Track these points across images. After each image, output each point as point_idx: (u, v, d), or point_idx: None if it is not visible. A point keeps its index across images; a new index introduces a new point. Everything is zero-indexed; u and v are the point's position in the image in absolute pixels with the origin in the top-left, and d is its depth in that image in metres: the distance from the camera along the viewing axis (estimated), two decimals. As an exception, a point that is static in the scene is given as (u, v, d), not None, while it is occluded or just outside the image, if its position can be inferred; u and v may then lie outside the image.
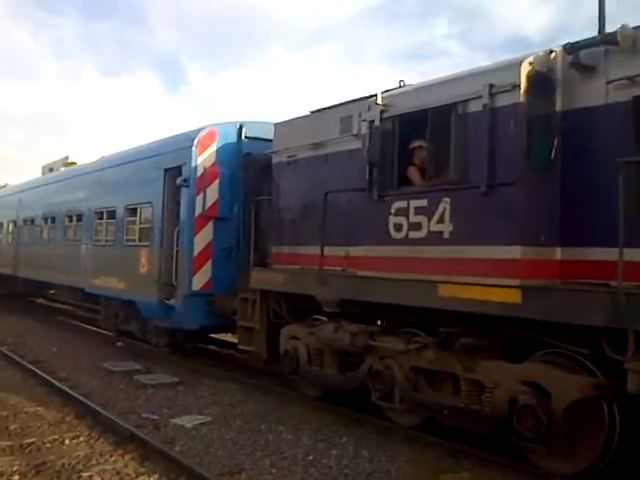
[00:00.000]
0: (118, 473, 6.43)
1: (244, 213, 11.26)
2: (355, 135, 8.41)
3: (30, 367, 11.34)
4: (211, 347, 14.26)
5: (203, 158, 11.58)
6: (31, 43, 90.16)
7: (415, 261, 7.27)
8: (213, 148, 11.72)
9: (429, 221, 7.10)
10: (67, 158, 49.39)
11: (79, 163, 32.63)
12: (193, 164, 11.54)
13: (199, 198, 11.41)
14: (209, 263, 11.58)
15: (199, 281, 11.50)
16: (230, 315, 10.98)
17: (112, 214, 14.75)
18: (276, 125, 10.18)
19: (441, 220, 6.96)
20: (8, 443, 7.29)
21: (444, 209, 6.93)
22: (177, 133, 13.32)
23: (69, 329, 17.36)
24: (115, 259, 14.42)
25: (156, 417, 8.50)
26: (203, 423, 8.23)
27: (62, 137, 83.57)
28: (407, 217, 7.39)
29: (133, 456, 6.93)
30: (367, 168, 7.88)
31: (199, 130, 11.91)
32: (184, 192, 11.79)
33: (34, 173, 34.42)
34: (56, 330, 17.00)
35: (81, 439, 7.54)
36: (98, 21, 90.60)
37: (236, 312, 10.70)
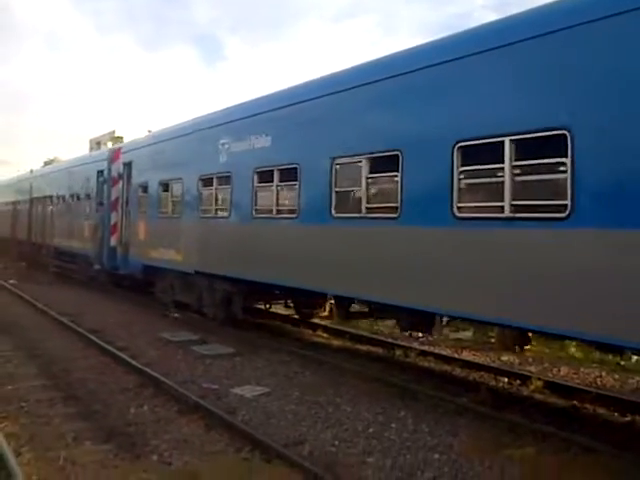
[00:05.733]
0: (185, 441, 6.59)
1: None
2: None
3: (90, 337, 11.68)
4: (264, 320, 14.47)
5: None
6: (76, 15, 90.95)
7: None
8: None
9: None
10: (114, 132, 50.34)
11: (125, 137, 33.06)
12: None
13: None
14: None
15: None
16: None
17: None
18: None
19: None
20: (77, 410, 7.57)
21: None
22: None
23: (127, 301, 17.71)
24: None
25: (216, 387, 8.67)
26: (262, 394, 8.37)
27: (108, 111, 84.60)
28: None
29: (198, 424, 7.11)
30: None
31: None
32: None
33: (82, 148, 35.10)
34: (113, 302, 17.44)
35: (145, 407, 7.75)
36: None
37: None
